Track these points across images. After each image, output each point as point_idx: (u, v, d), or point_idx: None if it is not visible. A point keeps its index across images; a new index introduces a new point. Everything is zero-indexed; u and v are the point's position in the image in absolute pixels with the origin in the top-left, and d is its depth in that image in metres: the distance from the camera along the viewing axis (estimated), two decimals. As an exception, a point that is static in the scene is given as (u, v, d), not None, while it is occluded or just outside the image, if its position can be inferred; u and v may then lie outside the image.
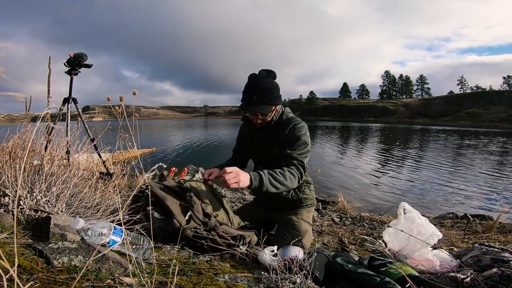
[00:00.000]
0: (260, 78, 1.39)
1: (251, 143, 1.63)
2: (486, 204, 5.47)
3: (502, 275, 0.84)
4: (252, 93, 1.37)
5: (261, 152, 1.57)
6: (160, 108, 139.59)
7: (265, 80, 1.38)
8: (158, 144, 15.26)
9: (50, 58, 2.15)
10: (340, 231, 2.38)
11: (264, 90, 1.36)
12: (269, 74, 1.42)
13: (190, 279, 0.76)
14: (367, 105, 72.26)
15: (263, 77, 1.40)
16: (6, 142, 1.32)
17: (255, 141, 1.59)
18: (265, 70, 1.42)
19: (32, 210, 0.95)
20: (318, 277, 0.93)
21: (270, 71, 1.43)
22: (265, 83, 1.37)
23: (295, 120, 1.48)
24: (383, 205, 4.84)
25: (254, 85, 1.38)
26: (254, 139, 1.60)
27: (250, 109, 1.41)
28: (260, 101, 1.37)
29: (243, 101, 1.42)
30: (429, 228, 1.13)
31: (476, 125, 44.31)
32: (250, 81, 1.41)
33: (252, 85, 1.39)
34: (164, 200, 1.14)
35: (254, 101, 1.37)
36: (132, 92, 1.70)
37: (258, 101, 1.37)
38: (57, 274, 0.63)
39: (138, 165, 2.15)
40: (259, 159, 1.63)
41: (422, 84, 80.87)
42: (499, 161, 10.85)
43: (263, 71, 1.42)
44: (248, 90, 1.39)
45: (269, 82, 1.39)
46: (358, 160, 11.05)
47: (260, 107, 1.39)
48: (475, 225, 2.76)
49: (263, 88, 1.36)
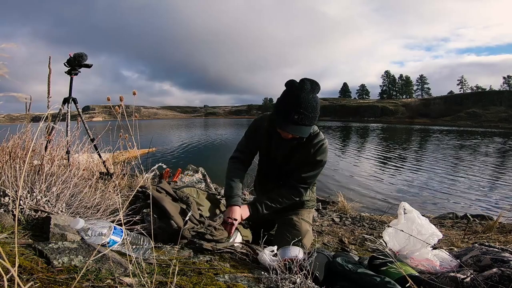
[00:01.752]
0: (304, 92, 1.18)
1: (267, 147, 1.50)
2: (486, 204, 5.47)
3: (502, 275, 0.84)
4: (295, 111, 1.17)
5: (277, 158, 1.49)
6: (160, 108, 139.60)
7: (310, 96, 1.18)
8: (158, 144, 15.26)
9: (50, 58, 2.15)
10: (340, 231, 2.37)
11: (308, 109, 1.17)
12: (315, 87, 1.21)
13: (190, 279, 0.76)
14: (367, 105, 72.29)
15: (309, 91, 1.19)
16: (6, 142, 1.32)
17: (274, 146, 1.46)
18: (309, 81, 1.21)
19: (32, 210, 0.95)
20: (318, 277, 0.93)
21: (315, 84, 1.21)
22: (310, 100, 1.17)
23: (321, 138, 1.40)
24: (383, 205, 4.84)
25: (297, 102, 1.17)
26: (272, 143, 1.46)
27: (289, 131, 1.24)
28: (302, 121, 1.19)
29: (281, 116, 1.22)
30: (429, 228, 1.13)
31: (476, 125, 44.33)
32: (292, 95, 1.20)
33: (295, 100, 1.18)
34: (161, 202, 1.15)
35: (294, 121, 1.18)
36: (132, 92, 1.70)
37: (300, 122, 1.18)
38: (57, 274, 0.63)
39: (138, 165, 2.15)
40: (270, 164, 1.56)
41: (422, 84, 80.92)
42: (499, 161, 10.85)
43: (307, 82, 1.20)
44: (289, 106, 1.19)
45: (314, 99, 1.19)
46: (358, 160, 11.05)
47: (301, 129, 1.22)
48: (475, 225, 2.76)
49: (307, 107, 1.17)
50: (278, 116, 1.24)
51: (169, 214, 1.12)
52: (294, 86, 1.22)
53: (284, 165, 1.49)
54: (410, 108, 64.60)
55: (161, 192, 1.23)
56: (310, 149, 1.39)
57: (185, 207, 1.21)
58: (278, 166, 1.52)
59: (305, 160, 1.40)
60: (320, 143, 1.39)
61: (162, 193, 1.21)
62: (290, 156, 1.44)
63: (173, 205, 1.18)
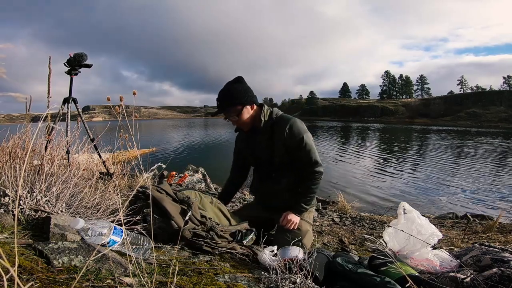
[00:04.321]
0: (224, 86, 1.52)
1: (250, 151, 1.65)
2: (486, 204, 5.47)
3: (502, 275, 0.84)
4: (217, 100, 1.52)
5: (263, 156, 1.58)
6: (160, 108, 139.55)
7: (227, 86, 1.51)
8: (158, 144, 15.26)
9: (50, 58, 2.15)
10: (340, 231, 2.37)
11: (224, 94, 1.49)
12: (235, 80, 1.53)
13: (190, 279, 0.76)
14: (367, 105, 72.26)
15: (227, 84, 1.53)
16: (6, 142, 1.32)
17: (255, 147, 1.61)
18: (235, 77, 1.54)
19: (32, 210, 0.95)
20: (318, 277, 0.93)
21: (236, 77, 1.54)
22: (225, 89, 1.50)
23: (287, 119, 1.51)
24: (383, 205, 4.84)
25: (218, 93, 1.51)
26: (252, 146, 1.62)
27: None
28: (222, 104, 1.50)
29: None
30: (429, 228, 1.13)
31: (476, 125, 44.32)
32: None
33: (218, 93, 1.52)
34: (162, 202, 1.15)
35: (219, 106, 1.51)
36: (132, 92, 1.70)
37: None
38: (57, 274, 0.63)
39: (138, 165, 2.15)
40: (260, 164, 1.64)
41: (422, 84, 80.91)
42: (499, 161, 10.85)
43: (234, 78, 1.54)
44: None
45: (231, 87, 1.51)
46: (358, 160, 11.05)
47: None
48: (475, 225, 2.76)
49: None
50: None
51: (170, 215, 1.12)
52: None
53: (270, 158, 1.54)
54: (410, 108, 64.59)
55: (162, 192, 1.23)
56: (282, 134, 1.47)
57: (185, 207, 1.20)
58: (265, 161, 1.57)
59: (287, 146, 1.49)
60: (287, 123, 1.48)
61: (162, 194, 1.21)
62: (270, 147, 1.52)
63: (173, 206, 1.18)
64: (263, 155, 1.57)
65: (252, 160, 1.70)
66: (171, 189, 1.30)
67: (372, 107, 69.73)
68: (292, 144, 1.47)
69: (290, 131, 1.47)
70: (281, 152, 1.50)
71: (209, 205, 1.47)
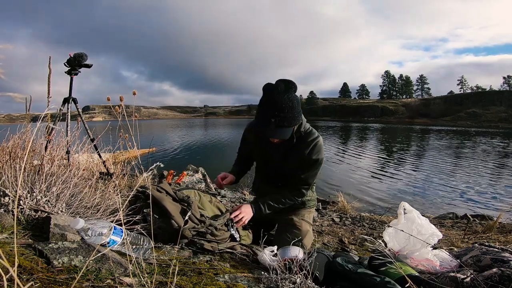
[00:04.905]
0: (278, 94, 1.17)
1: (260, 150, 1.53)
2: (486, 204, 5.47)
3: (502, 275, 0.83)
4: (271, 115, 1.17)
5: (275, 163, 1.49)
6: (160, 108, 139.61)
7: (284, 96, 1.17)
8: (158, 144, 15.26)
9: (50, 58, 2.15)
10: (340, 231, 2.37)
11: (284, 110, 1.16)
12: (289, 87, 1.19)
13: (190, 279, 0.76)
14: (367, 105, 72.28)
15: (282, 92, 1.18)
16: (6, 142, 1.32)
17: (267, 149, 1.48)
18: (283, 82, 1.20)
19: (32, 210, 0.95)
20: (318, 277, 0.93)
21: (289, 83, 1.20)
22: (285, 101, 1.17)
23: (314, 137, 1.38)
24: (383, 205, 4.84)
25: (272, 105, 1.17)
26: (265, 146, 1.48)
27: (269, 136, 1.26)
28: (280, 124, 1.18)
29: (259, 122, 1.24)
30: (429, 228, 1.13)
31: (476, 125, 44.32)
32: (267, 98, 1.20)
33: (270, 104, 1.18)
34: (162, 201, 1.15)
35: (272, 125, 1.18)
36: (132, 92, 1.70)
37: (277, 124, 1.18)
38: (57, 274, 0.63)
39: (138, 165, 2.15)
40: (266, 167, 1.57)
41: (422, 84, 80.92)
42: (499, 161, 10.85)
43: (281, 83, 1.20)
44: (265, 111, 1.20)
45: (290, 99, 1.18)
46: (358, 160, 11.04)
47: (280, 132, 1.22)
48: (475, 225, 2.76)
49: (283, 108, 1.16)
50: (258, 124, 1.26)
51: (170, 214, 1.12)
52: (268, 90, 1.22)
53: (281, 167, 1.48)
54: (410, 108, 64.60)
55: (161, 192, 1.23)
56: (304, 149, 1.37)
57: (185, 206, 1.20)
58: (275, 168, 1.51)
59: (301, 160, 1.39)
60: (313, 141, 1.37)
61: (162, 193, 1.21)
62: (285, 158, 1.44)
63: (173, 205, 1.17)
64: (275, 162, 1.48)
65: (261, 163, 1.62)
66: (171, 188, 1.31)
67: (372, 107, 69.75)
68: (306, 160, 1.38)
69: (313, 148, 1.37)
70: (295, 165, 1.42)
71: (208, 204, 1.47)
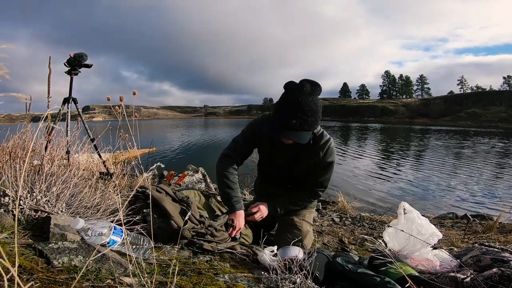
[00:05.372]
0: (303, 95, 1.10)
1: (269, 151, 1.47)
2: (486, 204, 5.47)
3: (502, 275, 0.84)
4: (293, 116, 1.10)
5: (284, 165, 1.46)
6: (160, 108, 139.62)
7: (309, 99, 1.10)
8: (158, 144, 15.26)
9: (50, 58, 2.15)
10: (340, 231, 2.37)
11: (307, 113, 1.10)
12: (315, 89, 1.13)
13: (190, 279, 0.76)
14: (367, 105, 72.33)
15: (308, 94, 1.11)
16: (6, 142, 1.32)
17: (276, 150, 1.44)
18: (309, 83, 1.13)
19: (32, 210, 0.95)
20: (318, 277, 0.93)
21: (316, 85, 1.13)
22: (310, 104, 1.10)
23: (327, 139, 1.37)
24: (383, 205, 4.84)
25: (296, 106, 1.10)
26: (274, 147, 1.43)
27: (287, 137, 1.20)
28: (301, 127, 1.12)
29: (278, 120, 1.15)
30: (429, 228, 1.13)
31: (476, 125, 44.33)
32: (291, 98, 1.12)
33: (293, 105, 1.10)
34: (161, 202, 1.15)
35: (293, 127, 1.12)
36: (132, 92, 1.70)
37: (298, 127, 1.12)
38: (57, 274, 0.63)
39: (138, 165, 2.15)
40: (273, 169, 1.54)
41: (422, 84, 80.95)
42: (499, 161, 10.85)
43: (307, 84, 1.13)
44: (287, 111, 1.12)
45: (314, 102, 1.12)
46: (358, 160, 11.05)
47: (300, 135, 1.15)
48: (475, 225, 2.76)
49: (307, 110, 1.10)
50: (276, 122, 1.17)
51: (169, 214, 1.12)
52: (292, 89, 1.14)
53: (289, 169, 1.47)
54: (410, 108, 64.62)
55: (161, 192, 1.23)
56: (319, 152, 1.35)
57: (185, 207, 1.21)
58: (282, 169, 1.50)
59: (315, 163, 1.38)
60: (327, 144, 1.36)
61: (162, 193, 1.22)
62: (297, 160, 1.42)
63: (173, 205, 1.18)
64: (284, 164, 1.46)
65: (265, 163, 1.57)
66: (170, 188, 1.31)
67: (372, 107, 69.78)
68: (321, 164, 1.37)
69: (327, 151, 1.36)
70: (305, 167, 1.40)
71: (208, 205, 1.48)
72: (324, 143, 1.35)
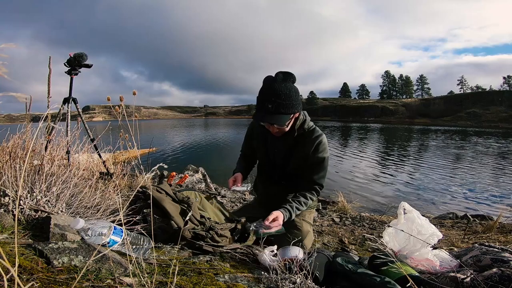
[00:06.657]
0: (276, 82, 1.22)
1: (264, 148, 1.53)
2: (486, 204, 5.47)
3: (502, 275, 0.84)
4: (267, 100, 1.21)
5: (278, 161, 1.49)
6: (160, 108, 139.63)
7: (282, 84, 1.22)
8: (158, 144, 15.26)
9: (50, 58, 2.15)
10: (340, 231, 2.37)
11: (281, 96, 1.20)
12: (287, 77, 1.25)
13: (190, 279, 0.76)
14: (367, 105, 72.25)
15: (280, 81, 1.23)
16: (6, 142, 1.32)
17: (270, 146, 1.50)
18: (282, 73, 1.26)
19: (32, 210, 0.95)
20: (318, 277, 0.93)
21: (288, 74, 1.25)
22: (282, 89, 1.21)
23: (318, 134, 1.41)
24: (383, 205, 4.84)
25: (269, 91, 1.21)
26: (268, 144, 1.50)
27: (265, 120, 1.28)
28: (277, 110, 1.21)
29: (257, 109, 1.27)
30: (429, 228, 1.13)
31: (476, 125, 44.31)
32: (265, 86, 1.25)
33: (267, 91, 1.22)
34: (161, 202, 1.15)
35: (269, 110, 1.21)
36: (132, 92, 1.70)
37: (274, 111, 1.21)
38: (57, 274, 0.63)
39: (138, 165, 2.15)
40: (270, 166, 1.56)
41: (422, 84, 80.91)
42: (499, 161, 10.85)
43: (280, 73, 1.26)
44: (262, 97, 1.23)
45: (287, 87, 1.22)
46: (358, 160, 11.05)
47: (277, 118, 1.24)
48: (475, 225, 2.76)
49: (279, 94, 1.20)
50: (257, 110, 1.28)
51: (169, 215, 1.12)
52: (267, 79, 1.27)
53: (284, 166, 1.49)
54: (410, 108, 64.57)
55: (161, 192, 1.23)
56: (309, 147, 1.38)
57: (185, 207, 1.21)
58: (279, 167, 1.51)
59: (308, 158, 1.40)
60: (317, 139, 1.39)
61: (162, 194, 1.22)
62: (289, 156, 1.44)
63: (173, 206, 1.18)
64: (278, 160, 1.49)
65: (263, 160, 1.61)
66: (171, 189, 1.31)
67: (372, 107, 69.70)
68: (314, 160, 1.40)
69: (318, 146, 1.39)
70: (298, 163, 1.43)
71: (209, 205, 1.47)
72: (315, 138, 1.40)
